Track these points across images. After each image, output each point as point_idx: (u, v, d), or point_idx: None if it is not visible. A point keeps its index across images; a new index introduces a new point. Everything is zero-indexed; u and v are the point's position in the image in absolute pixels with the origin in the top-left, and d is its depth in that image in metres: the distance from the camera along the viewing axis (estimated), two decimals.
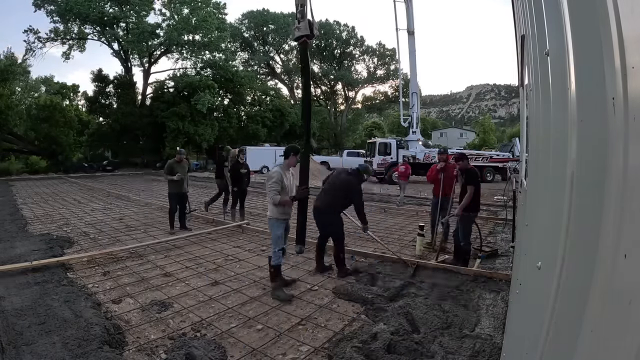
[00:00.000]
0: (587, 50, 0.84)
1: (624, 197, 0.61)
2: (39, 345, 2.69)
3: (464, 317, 3.23)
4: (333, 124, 47.95)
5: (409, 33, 19.31)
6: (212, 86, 29.20)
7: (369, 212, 9.40)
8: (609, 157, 0.67)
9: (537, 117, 1.87)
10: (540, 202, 1.56)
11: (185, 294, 3.76)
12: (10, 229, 6.92)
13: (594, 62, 0.76)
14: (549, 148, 1.33)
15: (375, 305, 3.45)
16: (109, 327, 2.94)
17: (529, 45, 2.04)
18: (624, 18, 0.62)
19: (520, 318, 1.74)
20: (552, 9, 1.20)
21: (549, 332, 0.92)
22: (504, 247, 5.74)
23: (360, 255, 5.21)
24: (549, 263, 1.06)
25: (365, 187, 15.42)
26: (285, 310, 3.42)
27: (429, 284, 4.09)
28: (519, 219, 3.92)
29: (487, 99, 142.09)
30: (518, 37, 3.21)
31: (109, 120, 30.10)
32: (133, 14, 28.69)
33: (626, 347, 0.52)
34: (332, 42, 46.54)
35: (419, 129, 19.69)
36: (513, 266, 3.75)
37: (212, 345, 2.70)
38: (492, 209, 9.83)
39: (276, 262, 3.81)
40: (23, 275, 4.26)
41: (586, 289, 0.70)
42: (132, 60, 31.64)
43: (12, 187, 15.52)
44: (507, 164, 18.78)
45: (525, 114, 3.33)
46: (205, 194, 12.92)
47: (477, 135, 48.58)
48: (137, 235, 6.52)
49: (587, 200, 0.80)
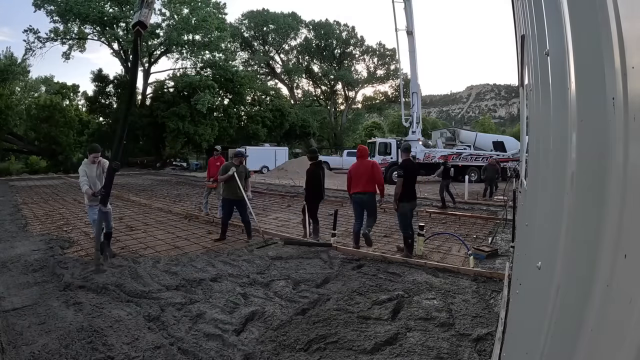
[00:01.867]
0: (587, 50, 0.84)
1: (624, 197, 0.61)
2: (39, 345, 2.69)
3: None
4: (333, 124, 47.95)
5: (408, 33, 19.32)
6: (212, 86, 29.21)
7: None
8: (609, 157, 0.67)
9: (537, 117, 1.87)
10: (540, 202, 1.56)
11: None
12: (10, 229, 6.92)
13: (594, 62, 0.76)
14: (549, 148, 1.33)
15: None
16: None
17: (529, 45, 2.04)
18: (624, 18, 0.62)
19: (520, 318, 1.74)
20: (552, 9, 1.20)
21: (549, 332, 0.92)
22: (504, 247, 5.75)
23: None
24: (549, 263, 1.06)
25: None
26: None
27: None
28: (519, 219, 3.92)
29: (487, 99, 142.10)
30: (518, 37, 3.21)
31: (109, 120, 30.12)
32: (133, 14, 28.69)
33: (626, 347, 0.52)
34: (332, 42, 46.51)
35: (420, 129, 19.69)
36: (513, 266, 3.76)
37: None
38: (492, 209, 9.83)
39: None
40: (23, 275, 4.26)
41: (586, 289, 0.70)
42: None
43: (12, 187, 15.52)
44: (507, 164, 18.80)
45: (525, 114, 3.33)
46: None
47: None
48: (137, 236, 6.52)
49: (587, 200, 0.80)
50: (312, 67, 47.50)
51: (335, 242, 5.95)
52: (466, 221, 8.30)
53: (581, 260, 0.79)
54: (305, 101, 46.18)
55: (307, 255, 5.17)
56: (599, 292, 0.66)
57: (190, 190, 15.17)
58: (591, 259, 0.70)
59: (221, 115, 32.66)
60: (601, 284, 0.65)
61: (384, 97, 49.04)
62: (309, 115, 40.26)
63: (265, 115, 34.93)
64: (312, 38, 46.02)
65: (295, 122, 36.83)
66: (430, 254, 5.45)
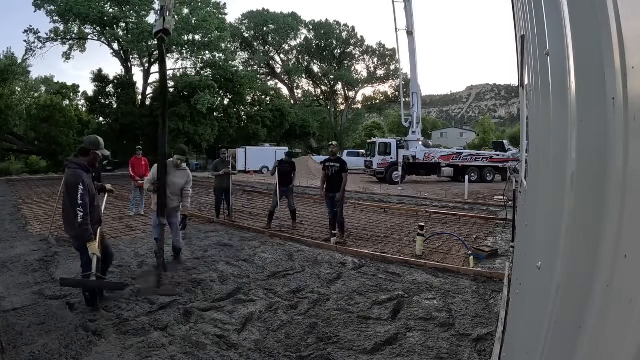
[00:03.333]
0: (587, 50, 0.84)
1: (624, 197, 0.61)
2: (39, 345, 2.69)
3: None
4: (333, 124, 47.92)
5: (408, 33, 19.32)
6: (212, 86, 29.18)
7: (369, 212, 9.43)
8: (609, 157, 0.67)
9: (537, 117, 1.87)
10: (540, 202, 1.56)
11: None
12: (10, 229, 6.93)
13: (594, 62, 0.76)
14: (549, 148, 1.33)
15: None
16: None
17: (529, 45, 2.04)
18: (624, 18, 0.62)
19: (520, 318, 1.74)
20: (552, 9, 1.20)
21: (549, 332, 0.92)
22: (504, 247, 5.75)
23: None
24: (549, 263, 1.06)
25: (366, 187, 15.45)
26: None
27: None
28: (519, 219, 3.92)
29: (487, 99, 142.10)
30: (518, 37, 3.21)
31: (108, 120, 30.09)
32: (133, 14, 28.67)
33: (626, 347, 0.52)
34: (332, 42, 46.48)
35: (420, 129, 19.70)
36: (513, 266, 3.75)
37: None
38: (492, 209, 9.83)
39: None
40: (23, 275, 4.26)
41: (586, 288, 0.70)
42: (132, 60, 31.63)
43: (12, 187, 15.51)
44: (507, 164, 18.80)
45: (525, 114, 3.33)
46: (205, 193, 12.92)
47: (477, 135, 48.61)
48: (137, 235, 6.52)
49: (587, 200, 0.80)
50: (312, 67, 47.47)
51: (335, 241, 5.96)
52: (466, 221, 8.30)
53: (581, 260, 0.79)
54: (305, 101, 46.15)
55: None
56: (599, 292, 0.66)
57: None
58: (591, 259, 0.70)
59: (221, 115, 32.62)
60: (601, 284, 0.65)
61: (384, 97, 49.00)
62: (309, 115, 40.24)
63: (265, 115, 34.92)
64: (312, 38, 46.00)
65: (295, 122, 36.80)
66: (430, 254, 5.45)
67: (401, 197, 12.60)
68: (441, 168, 19.02)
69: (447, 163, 19.14)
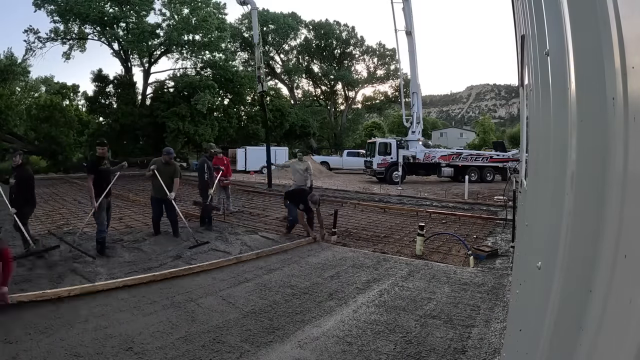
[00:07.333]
0: (587, 50, 0.84)
1: (624, 197, 0.61)
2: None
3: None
4: (333, 124, 47.91)
5: (407, 34, 19.31)
6: (212, 86, 29.18)
7: (369, 212, 9.43)
8: (609, 157, 0.67)
9: (537, 117, 1.87)
10: (540, 202, 1.56)
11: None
12: (10, 229, 6.91)
13: (594, 62, 0.76)
14: (549, 148, 1.33)
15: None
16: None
17: (529, 45, 2.03)
18: (624, 18, 0.62)
19: (520, 318, 1.74)
20: (552, 9, 1.20)
21: (549, 332, 0.92)
22: (504, 247, 5.75)
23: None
24: (549, 263, 1.06)
25: (366, 187, 15.45)
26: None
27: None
28: (519, 219, 3.91)
29: (487, 99, 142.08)
30: (518, 37, 3.20)
31: (109, 120, 30.07)
32: (133, 14, 28.67)
33: (626, 347, 0.52)
34: (332, 42, 46.45)
35: (420, 129, 19.70)
36: (513, 266, 3.75)
37: None
38: (492, 209, 9.83)
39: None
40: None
41: (586, 288, 0.70)
42: (132, 60, 31.61)
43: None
44: (507, 164, 18.80)
45: (525, 114, 3.32)
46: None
47: (477, 135, 48.59)
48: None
49: (587, 200, 0.80)
50: (312, 67, 47.44)
51: (335, 241, 5.96)
52: (466, 221, 8.30)
53: (581, 260, 0.79)
54: (305, 101, 46.15)
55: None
56: (599, 292, 0.66)
57: (190, 190, 15.15)
58: (591, 259, 0.70)
59: (221, 115, 32.62)
60: (601, 284, 0.65)
61: (384, 97, 48.99)
62: (309, 115, 40.22)
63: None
64: (312, 38, 45.97)
65: (295, 122, 36.79)
66: (430, 254, 5.46)
67: (401, 197, 12.60)
68: (441, 168, 19.02)
69: (447, 163, 19.14)
